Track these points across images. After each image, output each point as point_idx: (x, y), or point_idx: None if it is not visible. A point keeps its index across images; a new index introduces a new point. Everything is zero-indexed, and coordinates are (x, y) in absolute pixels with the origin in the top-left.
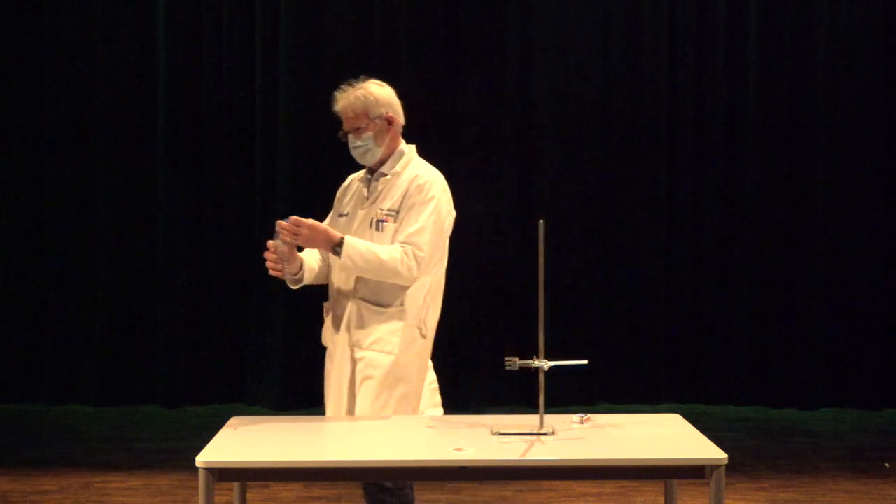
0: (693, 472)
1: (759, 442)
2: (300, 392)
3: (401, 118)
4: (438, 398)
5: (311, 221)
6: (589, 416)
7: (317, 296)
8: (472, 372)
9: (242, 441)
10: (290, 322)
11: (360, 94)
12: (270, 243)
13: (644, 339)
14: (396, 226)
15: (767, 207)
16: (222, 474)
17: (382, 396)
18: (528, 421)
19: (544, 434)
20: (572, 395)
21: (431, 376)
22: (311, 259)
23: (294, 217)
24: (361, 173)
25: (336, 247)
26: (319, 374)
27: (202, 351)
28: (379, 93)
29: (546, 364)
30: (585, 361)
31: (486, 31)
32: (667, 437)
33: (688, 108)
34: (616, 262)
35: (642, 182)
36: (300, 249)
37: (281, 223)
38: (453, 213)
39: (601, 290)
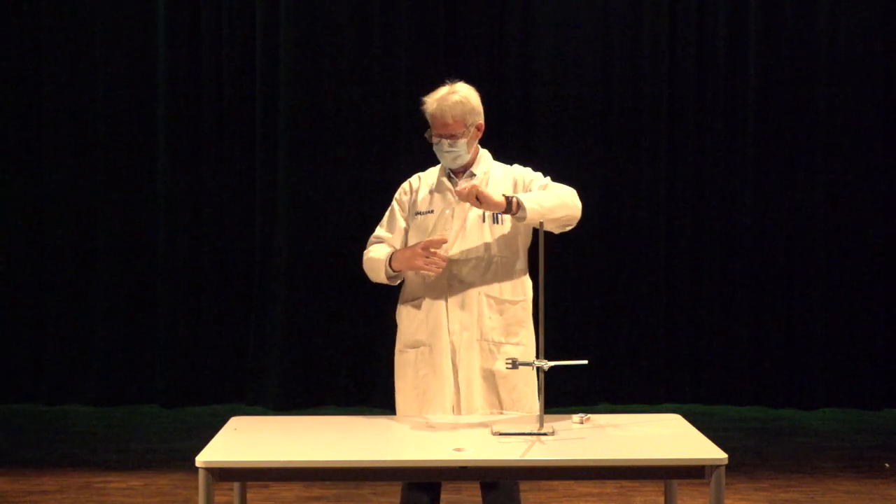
0: (693, 472)
1: (759, 442)
2: (300, 392)
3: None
4: None
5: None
6: (589, 416)
7: (316, 296)
8: None
9: (242, 441)
10: (290, 322)
11: (458, 100)
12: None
13: (644, 339)
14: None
15: (767, 207)
16: (222, 474)
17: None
18: (528, 421)
19: (544, 434)
20: (572, 395)
21: None
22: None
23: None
24: (433, 173)
25: (508, 208)
26: (320, 374)
27: (202, 351)
28: (475, 101)
29: (546, 364)
30: (585, 361)
31: (486, 31)
32: (667, 437)
33: (688, 107)
34: (616, 263)
35: (642, 182)
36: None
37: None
38: None
39: (601, 290)
